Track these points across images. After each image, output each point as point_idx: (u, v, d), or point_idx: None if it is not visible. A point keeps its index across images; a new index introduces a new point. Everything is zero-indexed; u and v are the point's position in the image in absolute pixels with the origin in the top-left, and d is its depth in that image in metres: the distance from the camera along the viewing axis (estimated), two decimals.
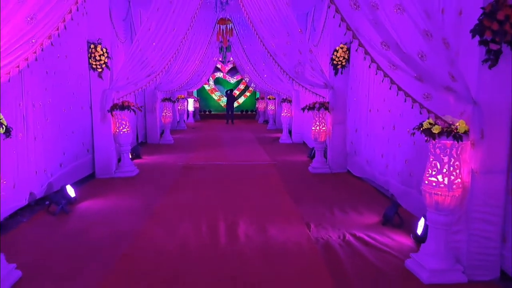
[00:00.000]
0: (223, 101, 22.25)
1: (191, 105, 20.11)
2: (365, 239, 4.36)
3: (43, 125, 5.57)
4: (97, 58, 7.06)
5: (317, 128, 7.75)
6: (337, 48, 7.41)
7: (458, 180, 3.40)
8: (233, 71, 22.10)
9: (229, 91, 19.48)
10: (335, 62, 7.46)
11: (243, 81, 21.18)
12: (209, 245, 4.26)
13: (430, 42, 3.16)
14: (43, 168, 5.56)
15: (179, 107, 16.82)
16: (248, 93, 23.11)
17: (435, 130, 3.28)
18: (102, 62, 7.12)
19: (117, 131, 7.38)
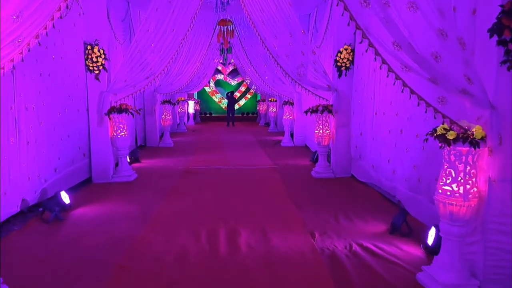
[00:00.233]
0: (224, 103, 22.09)
1: (191, 107, 19.93)
2: (372, 249, 4.14)
3: (36, 128, 5.36)
4: (94, 59, 6.87)
5: (321, 131, 7.54)
6: (341, 49, 7.21)
7: (474, 189, 3.18)
8: (234, 73, 21.96)
9: (230, 93, 19.32)
10: (339, 63, 7.26)
11: (244, 83, 21.03)
12: (208, 254, 4.07)
13: (445, 41, 2.95)
14: (36, 173, 5.35)
15: (179, 110, 16.64)
16: (249, 95, 22.96)
17: (450, 136, 3.06)
18: (99, 63, 6.92)
19: (115, 134, 7.18)
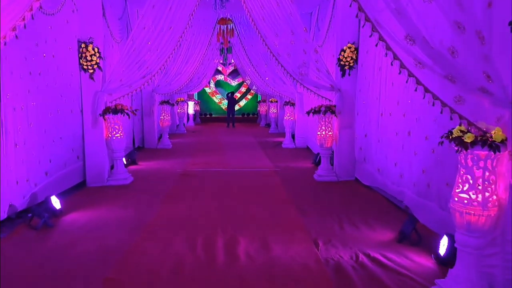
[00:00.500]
0: (224, 104, 21.84)
1: (191, 108, 19.68)
2: (380, 260, 3.87)
3: (25, 130, 5.09)
4: (88, 58, 6.61)
5: (323, 133, 7.27)
6: (345, 48, 6.93)
7: (493, 196, 2.91)
8: (235, 74, 21.72)
9: (230, 94, 19.07)
10: (342, 62, 6.99)
11: (245, 83, 20.80)
12: (205, 265, 3.80)
13: (462, 35, 2.69)
14: (25, 177, 5.09)
15: (178, 110, 16.39)
16: (249, 96, 22.71)
17: (468, 138, 2.79)
18: (93, 62, 6.66)
19: (110, 136, 6.91)
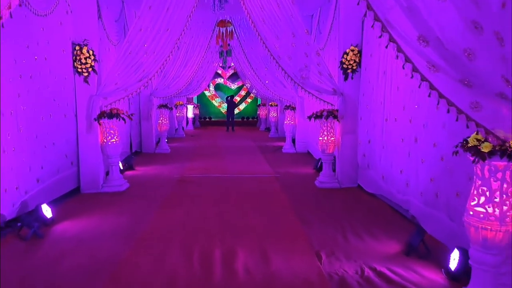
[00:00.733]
0: (224, 108, 21.65)
1: (190, 111, 19.49)
2: (387, 275, 3.64)
3: (14, 136, 4.87)
4: (83, 61, 6.40)
5: (325, 138, 7.05)
6: (347, 50, 6.72)
7: None
8: (234, 77, 21.54)
9: (229, 97, 18.87)
10: (345, 66, 6.78)
11: (244, 87, 20.61)
12: (201, 280, 3.58)
13: (480, 36, 2.48)
14: (14, 185, 4.87)
15: (177, 114, 16.19)
16: (249, 100, 22.52)
17: (485, 148, 2.59)
18: (88, 65, 6.45)
19: (105, 141, 6.70)
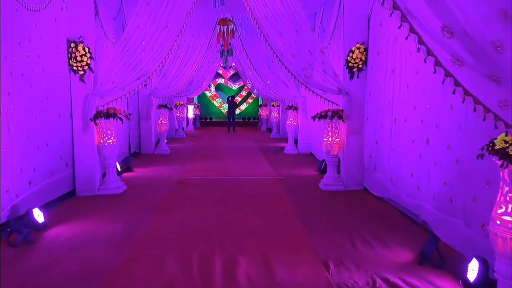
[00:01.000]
0: (225, 108, 21.41)
1: (191, 112, 19.24)
2: (401, 286, 3.39)
3: (4, 136, 4.62)
4: (78, 58, 6.16)
5: (330, 139, 6.80)
6: (353, 48, 6.47)
7: None
8: (235, 77, 21.32)
9: (230, 98, 18.63)
10: (350, 64, 6.52)
11: (246, 87, 20.38)
12: None
13: (509, 26, 2.23)
14: (4, 188, 4.62)
15: (177, 114, 15.93)
16: (250, 100, 22.27)
17: None
18: (84, 63, 6.21)
19: (101, 142, 6.45)
